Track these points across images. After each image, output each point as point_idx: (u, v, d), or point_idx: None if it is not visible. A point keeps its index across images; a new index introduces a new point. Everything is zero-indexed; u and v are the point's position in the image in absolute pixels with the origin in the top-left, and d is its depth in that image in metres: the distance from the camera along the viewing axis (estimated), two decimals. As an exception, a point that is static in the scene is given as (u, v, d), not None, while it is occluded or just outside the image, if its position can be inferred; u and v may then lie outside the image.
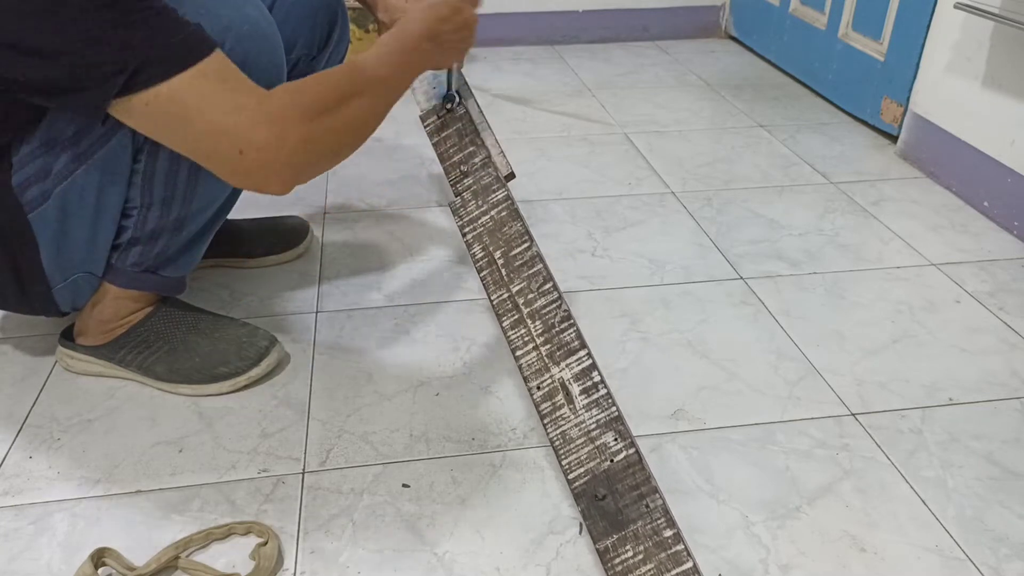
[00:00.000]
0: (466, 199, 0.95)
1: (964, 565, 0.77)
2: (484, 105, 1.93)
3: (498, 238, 0.91)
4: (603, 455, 0.74)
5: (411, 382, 1.00)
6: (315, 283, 1.21)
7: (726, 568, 0.77)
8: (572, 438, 0.76)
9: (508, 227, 0.91)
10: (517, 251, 0.89)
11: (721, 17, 2.48)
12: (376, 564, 0.77)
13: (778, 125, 1.82)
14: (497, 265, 0.89)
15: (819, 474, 0.87)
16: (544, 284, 0.86)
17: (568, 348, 0.81)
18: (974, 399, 0.99)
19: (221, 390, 0.97)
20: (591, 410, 0.76)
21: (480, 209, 0.94)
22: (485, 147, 1.01)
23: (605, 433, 0.75)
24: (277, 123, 0.72)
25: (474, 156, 1.01)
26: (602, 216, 1.41)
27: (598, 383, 0.78)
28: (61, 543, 0.78)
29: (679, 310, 1.15)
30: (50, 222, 0.84)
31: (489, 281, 0.89)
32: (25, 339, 1.07)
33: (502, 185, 0.94)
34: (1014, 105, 1.36)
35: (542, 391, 0.80)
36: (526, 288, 0.86)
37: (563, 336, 0.82)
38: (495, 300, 0.88)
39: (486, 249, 0.91)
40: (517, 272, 0.88)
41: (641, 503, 0.70)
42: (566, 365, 0.80)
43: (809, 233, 1.36)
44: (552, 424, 0.78)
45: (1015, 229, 1.37)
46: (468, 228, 0.94)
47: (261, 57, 0.82)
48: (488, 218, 0.93)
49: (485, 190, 0.95)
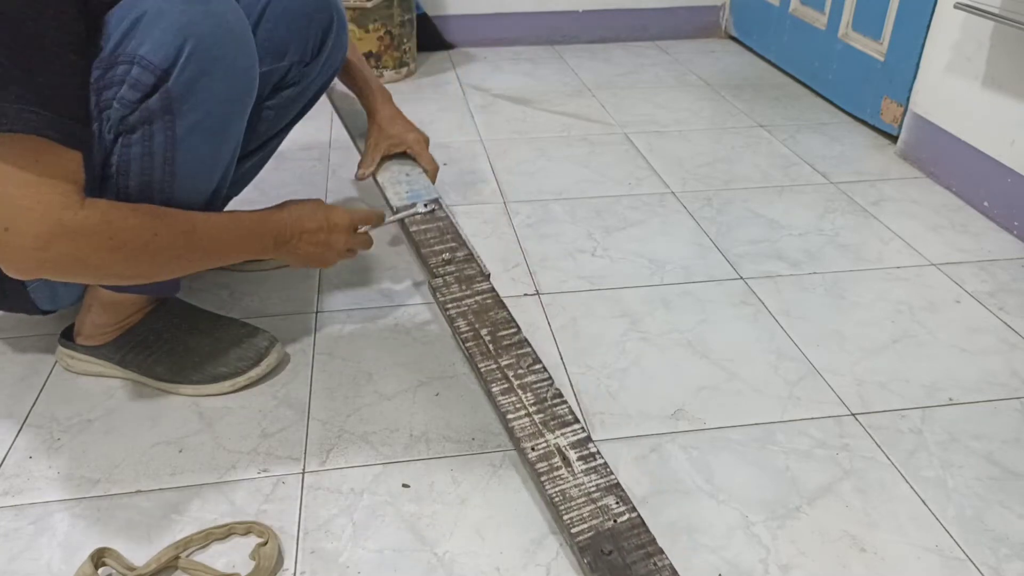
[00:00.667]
0: (448, 281, 0.95)
1: (964, 565, 0.77)
2: (484, 105, 1.93)
3: (484, 319, 0.90)
4: (606, 515, 0.73)
5: (411, 382, 1.00)
6: (315, 283, 1.21)
7: (726, 568, 0.77)
8: (572, 496, 0.75)
9: (494, 312, 0.91)
10: (504, 333, 0.88)
11: (721, 17, 2.48)
12: (376, 564, 0.77)
13: (778, 125, 1.82)
14: (484, 340, 0.88)
15: (819, 474, 0.87)
16: (534, 364, 0.86)
17: (562, 420, 0.80)
18: (974, 399, 0.99)
19: (221, 390, 0.97)
20: (590, 475, 0.76)
21: (463, 292, 0.93)
22: (467, 247, 1.01)
23: (606, 496, 0.74)
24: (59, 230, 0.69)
25: (456, 251, 1.00)
26: (602, 216, 1.41)
27: (595, 453, 0.77)
28: (61, 543, 0.78)
29: (679, 310, 1.15)
30: None
31: (476, 352, 0.88)
32: (25, 339, 1.07)
33: (486, 279, 0.94)
34: (1014, 105, 1.36)
35: (537, 452, 0.78)
36: (515, 364, 0.85)
37: (556, 410, 0.81)
38: (483, 369, 0.86)
39: (472, 325, 0.90)
40: (506, 350, 0.87)
41: (649, 561, 0.69)
42: (561, 434, 0.79)
43: (809, 233, 1.36)
44: (550, 482, 0.76)
45: (1015, 229, 1.37)
46: (451, 305, 0.93)
47: (227, 56, 0.78)
48: (473, 301, 0.92)
49: (468, 279, 0.95)
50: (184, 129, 0.78)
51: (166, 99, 0.75)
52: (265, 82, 1.03)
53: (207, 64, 0.76)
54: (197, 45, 0.75)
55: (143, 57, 0.73)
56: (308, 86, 1.09)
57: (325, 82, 1.12)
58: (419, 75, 2.15)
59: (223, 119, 0.82)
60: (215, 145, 0.83)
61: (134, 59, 0.73)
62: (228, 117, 0.83)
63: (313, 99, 1.13)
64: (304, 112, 1.14)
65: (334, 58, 1.10)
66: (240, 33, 0.79)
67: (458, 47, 2.39)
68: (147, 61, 0.73)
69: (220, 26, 0.77)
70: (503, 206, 1.44)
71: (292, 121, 1.13)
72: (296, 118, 1.14)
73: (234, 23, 0.79)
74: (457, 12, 2.35)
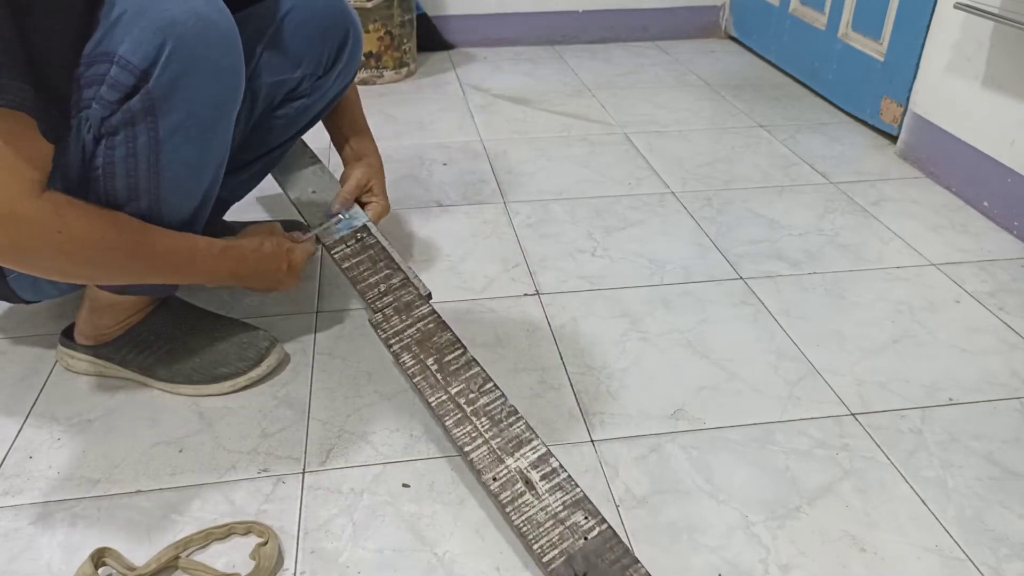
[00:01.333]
0: (388, 315, 0.94)
1: (964, 565, 0.77)
2: (484, 105, 1.93)
3: (428, 347, 0.89)
4: (576, 534, 0.72)
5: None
6: (315, 283, 1.21)
7: (726, 568, 0.77)
8: (540, 522, 0.73)
9: (438, 336, 0.90)
10: (450, 357, 0.87)
11: (721, 17, 2.48)
12: (376, 564, 0.77)
13: (778, 125, 1.82)
14: (431, 371, 0.87)
15: (819, 474, 0.87)
16: (484, 384, 0.85)
17: (519, 439, 0.79)
18: (974, 399, 0.99)
19: (221, 390, 0.97)
20: (555, 493, 0.75)
21: (404, 322, 0.92)
22: (401, 270, 0.99)
23: (574, 513, 0.73)
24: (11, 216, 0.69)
25: (391, 278, 0.99)
26: (602, 216, 1.41)
27: (557, 468, 0.77)
28: (61, 543, 0.78)
29: (679, 310, 1.15)
30: None
31: (424, 385, 0.86)
32: (25, 339, 1.07)
33: (425, 301, 0.94)
34: (1014, 105, 1.36)
35: (499, 481, 0.77)
36: (465, 389, 0.84)
37: (512, 430, 0.80)
38: (434, 402, 0.85)
39: (417, 357, 0.89)
40: (454, 375, 0.86)
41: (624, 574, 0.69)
42: (520, 455, 0.78)
43: (809, 233, 1.36)
44: (515, 511, 0.75)
45: (1015, 229, 1.37)
46: (394, 340, 0.92)
47: (210, 55, 0.76)
48: (414, 330, 0.91)
49: (407, 307, 0.94)
50: (167, 131, 0.77)
51: (147, 100, 0.74)
52: (276, 91, 1.03)
53: (189, 64, 0.74)
54: (178, 44, 0.73)
55: (122, 56, 0.72)
56: (319, 98, 1.08)
57: (337, 94, 1.11)
58: (419, 75, 2.15)
59: (208, 121, 0.81)
60: (201, 147, 0.82)
61: (113, 58, 0.72)
62: (213, 119, 0.81)
63: (324, 111, 1.12)
64: (313, 123, 1.13)
65: (348, 72, 1.09)
66: (225, 32, 0.77)
67: (458, 47, 2.39)
68: (126, 60, 0.72)
69: (203, 25, 0.75)
70: (503, 206, 1.44)
71: (300, 131, 1.13)
72: (304, 128, 1.13)
73: (219, 22, 0.76)
74: (457, 12, 2.35)
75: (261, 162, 1.12)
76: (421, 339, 0.90)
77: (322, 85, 1.06)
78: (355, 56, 1.08)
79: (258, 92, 1.01)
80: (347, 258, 1.03)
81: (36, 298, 0.93)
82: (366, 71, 2.05)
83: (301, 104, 1.07)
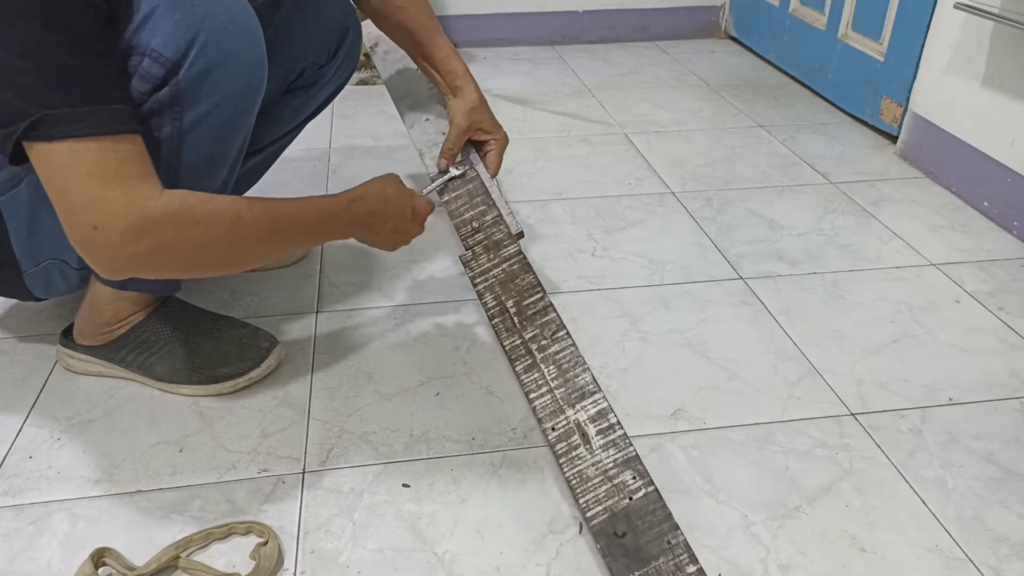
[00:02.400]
0: (477, 252, 0.96)
1: (964, 565, 0.77)
2: (484, 105, 1.93)
3: (510, 288, 0.91)
4: (622, 493, 0.74)
5: (411, 382, 1.01)
6: (315, 283, 1.21)
7: (726, 568, 0.77)
8: (589, 477, 0.75)
9: (520, 279, 0.91)
10: (529, 301, 0.89)
11: (721, 17, 2.48)
12: (376, 564, 0.77)
13: (778, 125, 1.82)
14: (509, 314, 0.89)
15: (819, 474, 0.87)
16: (558, 331, 0.86)
17: (583, 391, 0.81)
18: (974, 399, 0.99)
19: (222, 391, 0.97)
20: (608, 450, 0.76)
21: (492, 262, 0.94)
22: (496, 208, 1.00)
23: (624, 472, 0.74)
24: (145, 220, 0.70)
25: (485, 215, 0.99)
26: (602, 216, 1.41)
27: (615, 424, 0.78)
28: (61, 543, 0.78)
29: (679, 310, 1.15)
30: (21, 206, 0.84)
31: (501, 328, 0.89)
32: (25, 339, 1.07)
33: (514, 241, 0.94)
34: (1014, 105, 1.36)
35: (557, 432, 0.79)
36: (539, 335, 0.86)
37: (578, 380, 0.81)
38: (507, 346, 0.87)
39: (498, 299, 0.91)
40: (530, 320, 0.87)
41: (663, 540, 0.69)
42: (581, 407, 0.79)
43: (809, 233, 1.36)
44: (568, 463, 0.77)
45: (1015, 229, 1.37)
46: (480, 279, 0.94)
47: (237, 51, 0.79)
48: (500, 270, 0.92)
49: (496, 245, 0.95)
50: (191, 122, 0.78)
51: (175, 92, 0.76)
52: (280, 81, 1.06)
53: (218, 59, 0.76)
54: (209, 39, 0.75)
55: (154, 49, 0.73)
56: (319, 90, 1.12)
57: (336, 89, 1.15)
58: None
59: (231, 114, 0.82)
60: (222, 141, 0.84)
61: (146, 51, 0.73)
62: (236, 113, 0.83)
63: (323, 104, 1.16)
64: (313, 116, 1.17)
65: (346, 66, 1.13)
66: (250, 30, 0.80)
67: (458, 47, 2.38)
68: (158, 53, 0.74)
69: (232, 22, 0.77)
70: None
71: (301, 123, 1.16)
72: (305, 120, 1.16)
73: (245, 20, 0.79)
74: (457, 12, 2.35)
75: (263, 154, 1.15)
76: (505, 280, 0.92)
77: (323, 75, 1.10)
78: (355, 47, 1.12)
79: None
80: (446, 191, 1.04)
81: (46, 295, 0.94)
82: (366, 71, 2.05)
83: (302, 95, 1.10)
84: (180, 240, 0.72)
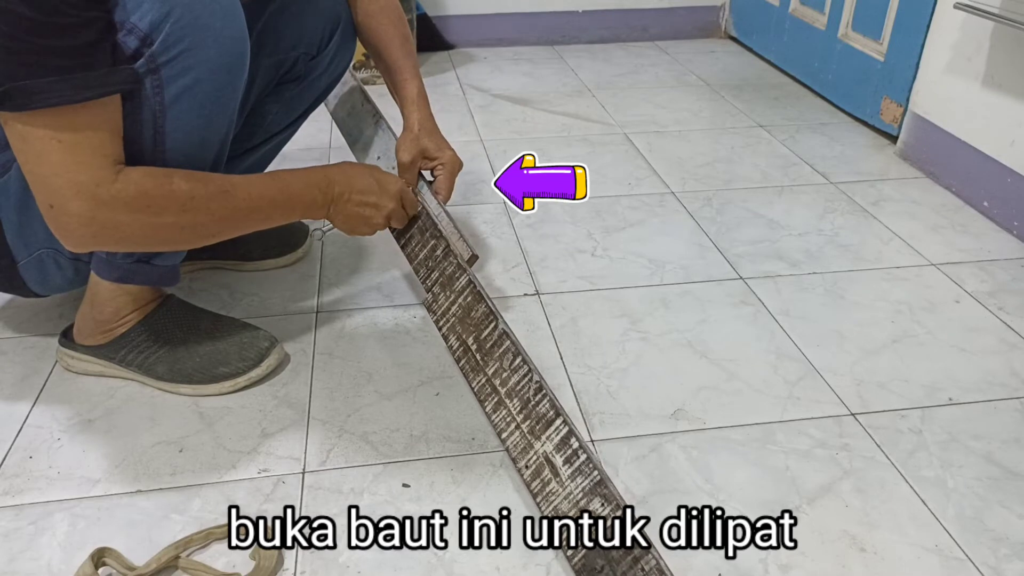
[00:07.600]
0: (436, 293, 0.96)
1: (964, 565, 0.77)
2: (484, 105, 1.93)
3: (467, 324, 0.91)
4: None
5: (411, 382, 1.01)
6: (315, 283, 1.21)
7: (726, 568, 0.77)
8: (564, 512, 0.75)
9: (474, 311, 0.91)
10: (486, 333, 0.88)
11: (721, 17, 2.48)
12: (376, 564, 0.77)
13: (778, 125, 1.82)
14: (471, 352, 0.89)
15: (819, 474, 0.87)
16: (514, 360, 0.85)
17: (545, 420, 0.80)
18: (974, 399, 0.99)
19: (221, 390, 0.97)
20: (576, 479, 0.75)
21: (449, 300, 0.94)
22: (444, 237, 0.99)
23: (592, 501, 0.74)
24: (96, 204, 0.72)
25: (436, 249, 0.99)
26: (602, 216, 1.41)
27: (577, 450, 0.77)
28: (61, 543, 0.78)
29: (679, 310, 1.15)
30: (12, 194, 0.84)
31: (468, 369, 0.89)
32: (25, 339, 1.07)
33: (464, 271, 0.94)
34: (1014, 105, 1.36)
35: (530, 469, 0.79)
36: (500, 368, 0.86)
37: (539, 408, 0.81)
38: (475, 387, 0.88)
39: (460, 338, 0.91)
40: (489, 354, 0.87)
41: (636, 567, 0.69)
42: (546, 438, 0.79)
43: (809, 233, 1.36)
44: (544, 501, 0.77)
45: (1015, 229, 1.37)
46: (442, 321, 0.94)
47: (214, 23, 0.78)
48: (456, 307, 0.93)
49: (449, 280, 0.95)
50: (172, 96, 0.78)
51: (151, 63, 0.75)
52: (272, 72, 1.06)
53: (192, 30, 0.76)
54: (184, 12, 0.75)
55: (131, 23, 0.73)
56: (313, 82, 1.12)
57: (331, 82, 1.15)
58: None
59: (213, 89, 0.81)
60: (206, 116, 0.82)
61: (124, 25, 0.73)
62: (219, 88, 0.82)
63: (319, 98, 1.16)
64: (309, 111, 1.17)
65: (340, 60, 1.13)
66: (228, 3, 0.80)
67: (458, 47, 2.39)
68: (132, 25, 0.73)
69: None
70: (503, 206, 1.45)
71: (298, 118, 1.16)
72: (302, 116, 1.17)
73: None
74: (457, 12, 2.35)
75: (261, 150, 1.15)
76: (462, 315, 0.92)
77: (315, 67, 1.10)
78: (346, 40, 1.12)
79: (255, 72, 1.04)
80: (400, 236, 1.05)
81: (44, 292, 0.94)
82: (366, 71, 2.05)
83: (295, 87, 1.11)
84: (134, 221, 0.75)
